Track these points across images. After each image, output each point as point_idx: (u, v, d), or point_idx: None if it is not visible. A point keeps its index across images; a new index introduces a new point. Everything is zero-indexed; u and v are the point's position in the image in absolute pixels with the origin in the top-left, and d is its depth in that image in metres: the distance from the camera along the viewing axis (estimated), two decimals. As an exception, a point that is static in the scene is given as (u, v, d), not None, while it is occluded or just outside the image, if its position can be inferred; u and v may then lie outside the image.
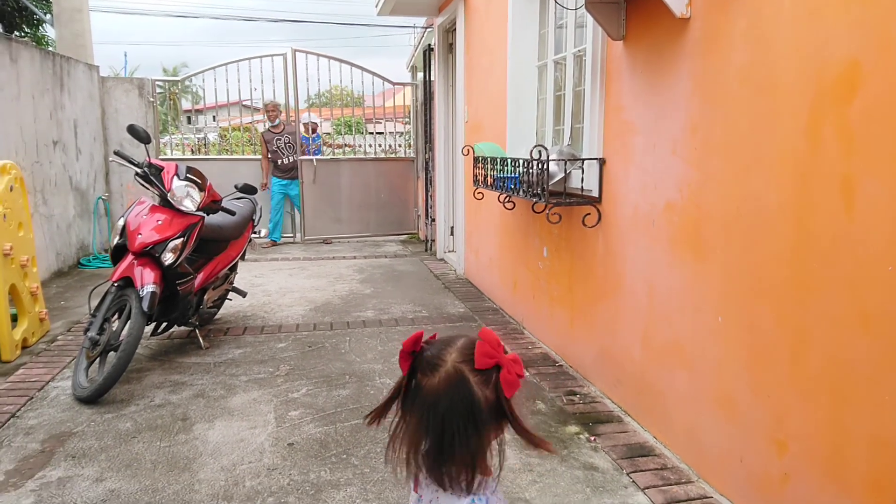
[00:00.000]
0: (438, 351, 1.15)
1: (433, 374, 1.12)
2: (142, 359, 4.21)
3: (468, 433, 1.08)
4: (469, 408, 1.08)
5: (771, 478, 2.31)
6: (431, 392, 1.10)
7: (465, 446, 1.09)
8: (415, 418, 1.13)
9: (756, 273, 2.35)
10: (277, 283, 6.48)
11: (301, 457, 2.96)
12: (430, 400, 1.10)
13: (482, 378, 1.11)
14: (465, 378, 1.09)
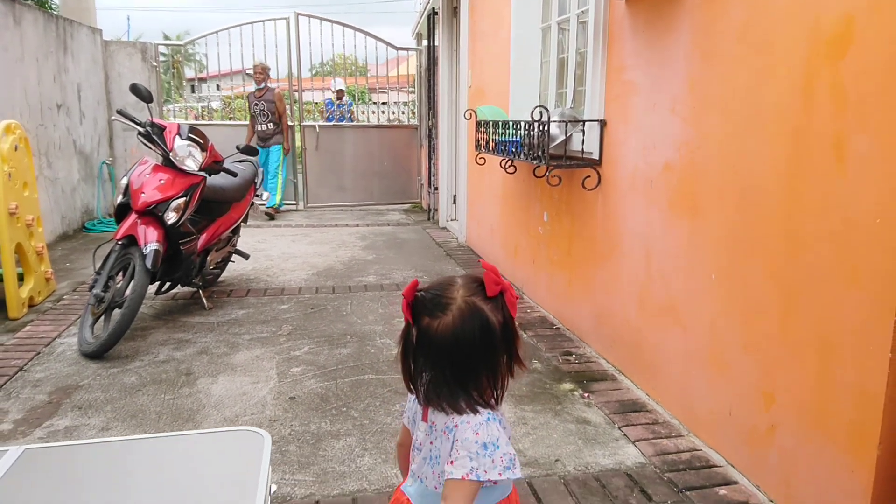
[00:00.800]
0: (442, 291, 1.22)
1: (445, 313, 1.19)
2: (146, 317, 4.28)
3: (489, 357, 1.16)
4: (489, 334, 1.15)
5: (758, 430, 2.37)
6: (447, 329, 1.17)
7: (488, 370, 1.16)
8: (433, 356, 1.20)
9: (749, 231, 2.39)
10: (280, 249, 6.53)
11: (302, 409, 3.03)
12: (448, 337, 1.16)
13: (493, 305, 1.19)
14: (479, 308, 1.17)
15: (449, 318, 1.17)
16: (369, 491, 2.40)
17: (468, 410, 1.18)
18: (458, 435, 1.16)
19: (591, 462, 2.59)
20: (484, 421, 1.16)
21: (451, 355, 1.18)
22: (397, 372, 3.70)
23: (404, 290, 1.23)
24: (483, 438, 1.14)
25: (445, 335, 1.17)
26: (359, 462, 2.59)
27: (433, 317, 1.19)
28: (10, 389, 3.21)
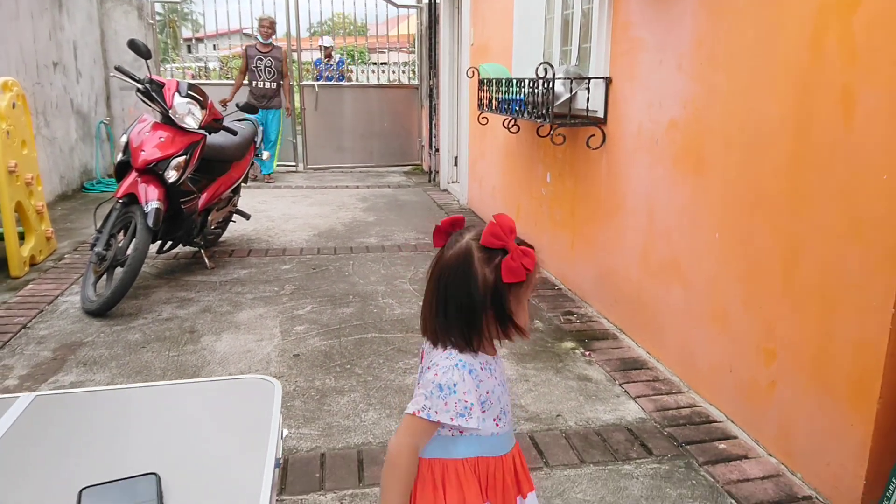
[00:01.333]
0: (463, 231, 1.23)
1: (450, 248, 1.20)
2: (148, 276, 4.29)
3: (462, 304, 1.14)
4: (465, 280, 1.13)
5: (759, 385, 2.40)
6: (444, 263, 1.19)
7: (461, 317, 1.15)
8: (430, 286, 1.21)
9: (754, 187, 2.38)
10: (280, 210, 6.51)
11: (306, 366, 3.06)
12: (441, 270, 1.18)
13: (486, 256, 1.15)
14: (470, 252, 1.15)
15: (449, 252, 1.19)
16: (374, 444, 2.43)
17: (440, 346, 1.20)
18: (426, 373, 1.19)
19: (591, 417, 2.62)
20: (451, 365, 1.16)
21: (435, 289, 1.20)
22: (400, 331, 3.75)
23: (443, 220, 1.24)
24: (440, 380, 1.15)
25: (440, 267, 1.20)
26: (363, 416, 2.62)
27: (443, 249, 1.22)
28: (14, 346, 3.23)
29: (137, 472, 0.88)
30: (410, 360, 3.11)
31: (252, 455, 0.95)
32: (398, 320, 3.62)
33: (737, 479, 2.23)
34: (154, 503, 0.82)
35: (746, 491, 2.17)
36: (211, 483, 0.89)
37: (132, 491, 0.85)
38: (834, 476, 2.07)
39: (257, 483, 0.88)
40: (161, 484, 0.86)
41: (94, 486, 0.86)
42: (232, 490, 0.87)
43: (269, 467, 0.91)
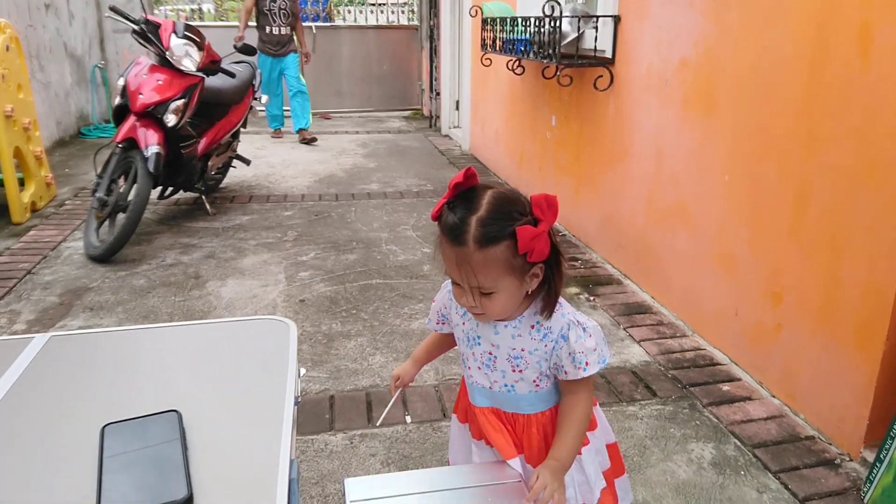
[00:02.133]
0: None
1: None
2: (150, 222, 4.27)
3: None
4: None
5: (764, 328, 2.41)
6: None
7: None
8: None
9: (765, 129, 2.34)
10: (280, 156, 6.45)
11: (312, 311, 3.07)
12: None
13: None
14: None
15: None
16: (381, 386, 2.46)
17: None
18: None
19: (597, 360, 2.65)
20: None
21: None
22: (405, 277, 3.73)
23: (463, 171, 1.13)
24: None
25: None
26: (370, 360, 2.64)
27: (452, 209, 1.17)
28: (20, 291, 3.23)
29: (158, 410, 0.88)
30: (416, 306, 3.12)
31: (271, 393, 0.95)
32: (402, 267, 3.62)
33: (741, 420, 2.27)
34: (177, 440, 0.82)
35: (750, 431, 2.21)
36: (232, 420, 0.89)
37: (154, 427, 0.85)
38: (837, 417, 2.10)
39: (278, 420, 0.88)
40: (182, 420, 0.86)
41: (116, 423, 0.86)
42: (253, 427, 0.88)
43: (290, 404, 0.92)
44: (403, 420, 2.26)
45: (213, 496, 0.75)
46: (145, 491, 0.74)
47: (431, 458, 2.07)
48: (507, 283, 1.10)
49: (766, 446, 2.13)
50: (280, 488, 0.76)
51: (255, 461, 0.81)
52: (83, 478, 0.77)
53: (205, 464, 0.80)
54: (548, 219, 1.06)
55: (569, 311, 1.19)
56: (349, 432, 2.20)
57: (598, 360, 1.16)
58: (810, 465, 2.04)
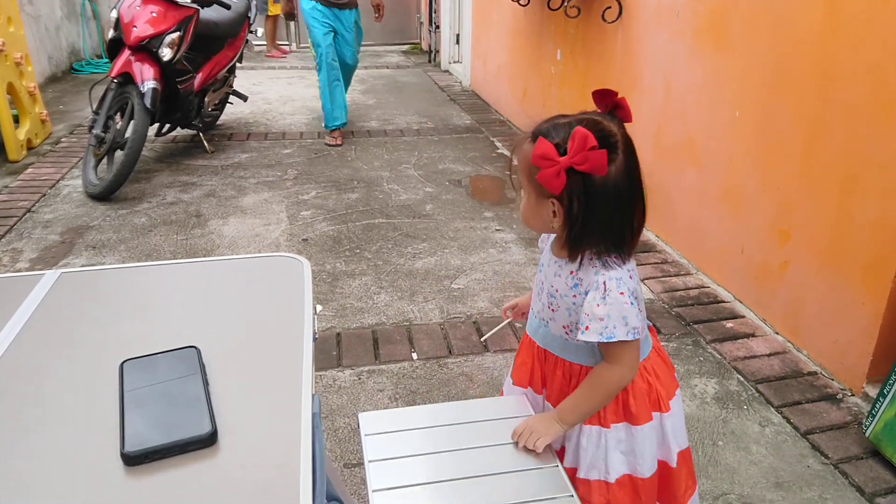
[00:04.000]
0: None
1: None
2: (148, 160, 4.21)
3: None
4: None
5: (770, 266, 2.41)
6: None
7: None
8: None
9: (778, 64, 2.28)
10: (277, 92, 6.32)
11: (316, 250, 3.06)
12: None
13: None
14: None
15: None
16: (387, 325, 2.47)
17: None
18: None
19: (601, 298, 2.66)
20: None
21: None
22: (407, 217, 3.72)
23: None
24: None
25: None
26: (375, 299, 2.65)
27: None
28: (21, 230, 3.21)
29: (175, 346, 0.88)
30: (419, 246, 3.11)
31: (288, 330, 0.95)
32: (404, 206, 3.59)
33: (744, 356, 2.29)
34: (197, 375, 0.82)
35: (753, 367, 2.23)
36: (251, 357, 0.89)
37: (173, 363, 0.85)
38: (841, 353, 2.12)
39: (297, 356, 0.88)
40: (202, 356, 0.86)
41: (135, 358, 0.85)
42: (273, 363, 0.88)
43: (308, 340, 0.91)
44: (410, 357, 2.28)
45: (236, 431, 0.75)
46: (169, 426, 0.74)
47: (438, 393, 2.10)
48: (529, 190, 1.10)
49: (768, 381, 2.16)
50: (304, 423, 0.76)
51: (278, 397, 0.81)
52: (105, 413, 0.77)
53: (226, 400, 0.80)
54: (572, 154, 1.00)
55: (612, 273, 1.08)
56: (357, 368, 2.22)
57: (600, 330, 1.07)
58: (812, 400, 2.07)
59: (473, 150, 4.63)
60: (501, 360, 2.26)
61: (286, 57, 8.15)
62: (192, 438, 0.72)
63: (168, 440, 0.72)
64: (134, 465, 0.71)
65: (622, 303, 1.07)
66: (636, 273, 1.14)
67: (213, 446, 0.73)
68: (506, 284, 2.77)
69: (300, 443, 0.73)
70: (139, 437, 0.72)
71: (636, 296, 1.10)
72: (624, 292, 1.07)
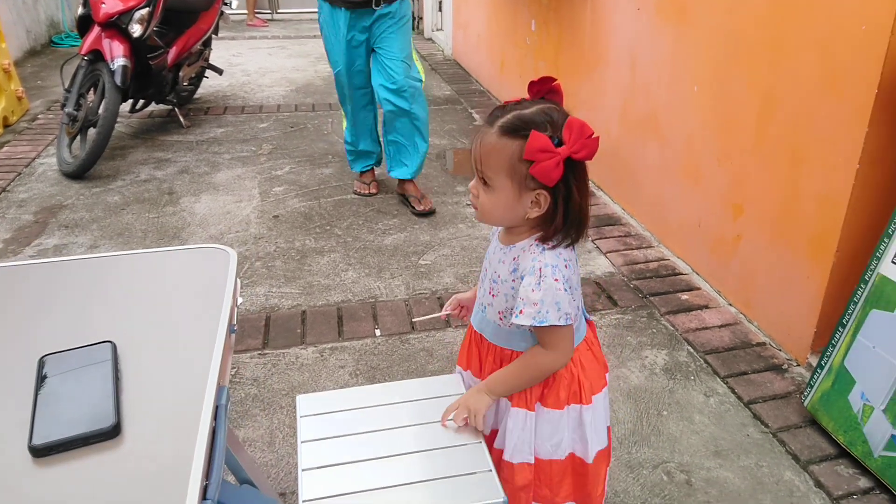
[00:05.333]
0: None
1: None
2: (123, 136, 4.21)
3: None
4: None
5: (724, 239, 2.46)
6: None
7: None
8: None
9: (734, 37, 2.29)
10: (257, 63, 6.28)
11: (286, 227, 3.10)
12: None
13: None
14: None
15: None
16: (353, 301, 2.52)
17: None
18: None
19: (563, 272, 2.71)
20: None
21: None
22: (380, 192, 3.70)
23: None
24: None
25: None
26: (343, 276, 2.70)
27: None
28: (-5, 210, 3.24)
29: (94, 341, 0.93)
30: (390, 221, 3.14)
31: (207, 321, 0.99)
32: (378, 181, 3.61)
33: (696, 328, 2.35)
34: (108, 369, 0.87)
35: (704, 338, 2.30)
36: (165, 350, 0.94)
37: (89, 358, 0.89)
38: (787, 324, 2.18)
39: (209, 347, 0.93)
40: (117, 350, 0.91)
41: (53, 354, 0.90)
42: (185, 355, 0.92)
43: (222, 331, 0.96)
44: (373, 333, 2.34)
45: (140, 424, 0.80)
46: (76, 421, 0.79)
47: (398, 369, 2.16)
48: (505, 185, 1.08)
49: (717, 352, 2.23)
50: (204, 414, 0.81)
51: (183, 388, 0.86)
52: (20, 409, 0.82)
53: (136, 393, 0.85)
54: (571, 144, 1.02)
55: (548, 259, 1.11)
56: (319, 346, 2.28)
57: (533, 315, 1.10)
58: (758, 371, 2.14)
59: (451, 122, 4.63)
60: (461, 335, 2.32)
61: (267, 26, 8.07)
62: (96, 431, 0.77)
63: (73, 433, 0.77)
64: (40, 456, 0.76)
65: (556, 289, 1.10)
66: (575, 263, 1.17)
67: (117, 438, 0.78)
68: (473, 260, 2.82)
69: (197, 434, 0.78)
70: (46, 430, 0.78)
71: (571, 284, 1.13)
72: (559, 279, 1.11)
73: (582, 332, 1.27)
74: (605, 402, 1.30)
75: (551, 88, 1.14)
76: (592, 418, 1.25)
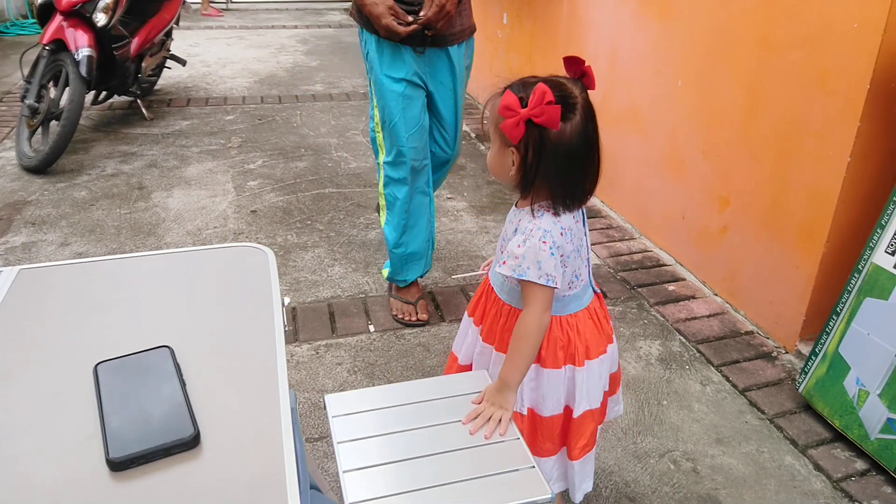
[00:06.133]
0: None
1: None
2: (85, 129, 4.05)
3: None
4: None
5: (710, 231, 2.52)
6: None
7: None
8: None
9: (721, 33, 2.35)
10: (215, 54, 6.12)
11: (266, 222, 3.03)
12: None
13: None
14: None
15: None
16: (343, 297, 2.49)
17: None
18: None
19: (552, 265, 2.73)
20: None
21: None
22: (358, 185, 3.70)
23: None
24: None
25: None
26: (329, 271, 2.66)
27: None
28: (-48, 207, 3.07)
29: (146, 345, 0.89)
30: (371, 216, 3.11)
31: (259, 323, 0.96)
32: (355, 174, 3.57)
33: (685, 318, 2.41)
34: (173, 375, 0.83)
35: (694, 328, 2.35)
36: (224, 353, 0.91)
37: (148, 364, 0.85)
38: (776, 313, 2.25)
39: (271, 351, 0.90)
40: (175, 355, 0.87)
41: (109, 360, 0.86)
42: (247, 359, 0.89)
43: (280, 335, 0.93)
44: (367, 329, 2.31)
45: (217, 432, 0.77)
46: (151, 429, 0.75)
47: (396, 364, 2.14)
48: (495, 139, 1.20)
49: (708, 342, 2.28)
50: (283, 418, 0.79)
51: (255, 394, 0.83)
52: (84, 418, 0.78)
53: (204, 399, 0.81)
54: (531, 107, 1.09)
55: (543, 223, 1.18)
56: (314, 343, 2.24)
57: (513, 266, 1.18)
58: (749, 359, 2.20)
59: (421, 114, 4.60)
60: (456, 329, 2.31)
61: (223, 16, 7.87)
62: (176, 441, 0.74)
63: (152, 445, 0.73)
64: (119, 470, 0.72)
65: (540, 249, 1.17)
66: (574, 234, 1.23)
67: (197, 448, 0.75)
68: (459, 253, 2.81)
69: (282, 441, 0.75)
70: (123, 442, 0.74)
71: (564, 252, 1.20)
72: (547, 241, 1.18)
73: (585, 301, 1.34)
74: (600, 368, 1.36)
75: (583, 69, 1.20)
76: (585, 380, 1.32)
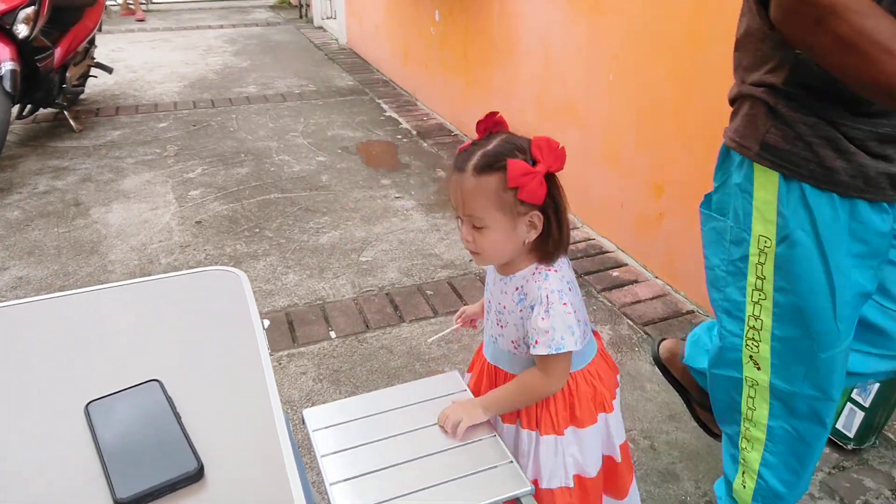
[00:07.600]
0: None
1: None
2: (10, 145, 3.89)
3: None
4: None
5: (647, 218, 2.65)
6: None
7: None
8: None
9: (653, 30, 2.45)
10: (141, 58, 5.95)
11: (212, 233, 3.00)
12: None
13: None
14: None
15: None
16: (300, 305, 2.51)
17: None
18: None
19: (501, 259, 2.81)
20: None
21: None
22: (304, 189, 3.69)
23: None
24: None
25: None
26: (284, 279, 2.66)
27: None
28: None
29: (132, 379, 0.90)
30: (321, 220, 3.12)
31: (242, 349, 0.99)
32: (299, 178, 3.56)
33: (631, 302, 2.53)
34: (168, 410, 0.86)
35: (640, 311, 2.48)
36: (213, 382, 0.93)
37: (139, 399, 0.87)
38: (713, 293, 2.39)
39: (259, 376, 0.93)
40: (165, 388, 0.89)
41: (99, 399, 0.87)
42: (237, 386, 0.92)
43: (266, 359, 0.96)
44: (328, 336, 2.34)
45: (218, 463, 0.80)
46: (154, 466, 0.78)
47: (361, 369, 2.18)
48: (497, 220, 1.11)
49: (654, 323, 2.41)
50: (283, 444, 0.82)
51: (250, 421, 0.86)
52: (84, 460, 0.80)
53: (200, 430, 0.84)
54: (545, 160, 1.07)
55: (553, 284, 1.14)
56: (275, 353, 2.25)
57: (548, 342, 1.13)
58: (692, 337, 2.33)
59: (361, 113, 4.62)
60: (418, 329, 2.37)
61: (144, 18, 7.63)
62: (182, 476, 0.77)
63: (158, 481, 0.76)
64: (128, 508, 0.75)
65: (565, 314, 1.13)
66: (576, 285, 1.21)
67: (201, 481, 0.78)
68: (413, 253, 2.86)
69: (285, 468, 0.79)
70: (128, 481, 0.76)
71: (575, 307, 1.17)
72: (567, 303, 1.14)
73: (594, 346, 1.30)
74: (619, 401, 1.34)
75: (496, 121, 1.20)
76: (615, 421, 1.30)
